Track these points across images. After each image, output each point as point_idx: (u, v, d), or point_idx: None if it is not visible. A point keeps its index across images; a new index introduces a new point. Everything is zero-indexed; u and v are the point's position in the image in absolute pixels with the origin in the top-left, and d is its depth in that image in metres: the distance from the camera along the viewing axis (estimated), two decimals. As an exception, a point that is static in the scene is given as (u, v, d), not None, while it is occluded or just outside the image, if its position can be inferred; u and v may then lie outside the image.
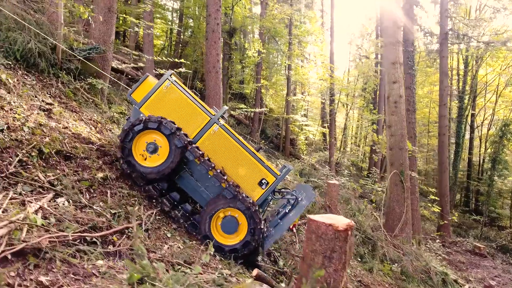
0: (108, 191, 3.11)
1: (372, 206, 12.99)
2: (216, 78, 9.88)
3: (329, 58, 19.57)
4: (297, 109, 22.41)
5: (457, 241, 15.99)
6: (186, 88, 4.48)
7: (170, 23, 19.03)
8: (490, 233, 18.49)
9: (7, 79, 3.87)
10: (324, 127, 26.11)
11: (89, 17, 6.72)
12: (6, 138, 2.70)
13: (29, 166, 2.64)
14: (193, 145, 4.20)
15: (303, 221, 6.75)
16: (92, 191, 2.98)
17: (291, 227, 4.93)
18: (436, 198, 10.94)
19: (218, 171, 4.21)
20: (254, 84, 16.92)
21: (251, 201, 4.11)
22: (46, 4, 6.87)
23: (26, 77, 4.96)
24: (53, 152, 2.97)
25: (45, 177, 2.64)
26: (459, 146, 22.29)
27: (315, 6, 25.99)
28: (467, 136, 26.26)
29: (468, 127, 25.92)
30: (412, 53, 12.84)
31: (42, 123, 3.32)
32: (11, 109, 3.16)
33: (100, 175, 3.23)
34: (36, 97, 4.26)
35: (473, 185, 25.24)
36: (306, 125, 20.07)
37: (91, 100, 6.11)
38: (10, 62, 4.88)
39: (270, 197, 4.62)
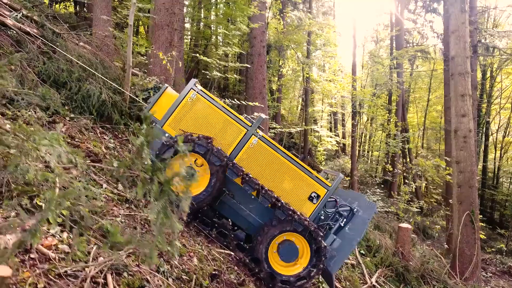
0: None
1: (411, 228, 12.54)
2: (263, 105, 9.30)
3: (351, 70, 19.04)
4: (313, 116, 21.86)
5: (486, 259, 15.63)
6: (215, 97, 3.86)
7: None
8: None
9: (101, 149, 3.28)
10: (336, 134, 25.66)
11: (149, 53, 6.12)
12: (170, 276, 2.11)
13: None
14: (233, 162, 3.62)
15: None
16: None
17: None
18: (483, 224, 10.49)
19: (266, 189, 3.63)
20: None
21: (307, 218, 3.60)
22: (99, 36, 6.24)
23: (105, 136, 4.35)
24: (211, 282, 2.41)
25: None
26: (477, 155, 21.97)
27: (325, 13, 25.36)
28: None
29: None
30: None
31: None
32: (145, 221, 2.57)
33: (251, 295, 2.68)
34: (130, 169, 3.66)
35: (487, 193, 24.97)
36: (326, 135, 19.53)
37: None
38: (88, 122, 4.27)
39: (322, 212, 4.07)
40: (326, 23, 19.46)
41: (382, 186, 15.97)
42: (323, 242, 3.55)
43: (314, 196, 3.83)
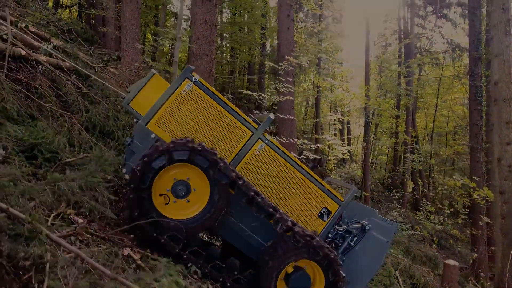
0: None
1: (433, 246, 12.25)
2: (291, 127, 8.90)
3: (364, 79, 18.66)
4: (320, 123, 21.51)
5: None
6: (214, 90, 3.14)
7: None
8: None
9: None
10: (342, 140, 25.36)
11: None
12: None
13: None
14: (243, 180, 2.94)
15: None
16: None
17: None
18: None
19: (281, 212, 3.04)
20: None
21: (327, 245, 3.05)
22: (133, 68, 5.82)
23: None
24: None
25: None
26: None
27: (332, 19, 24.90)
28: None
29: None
30: (481, 88, 12.03)
31: None
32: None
33: None
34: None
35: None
36: (337, 144, 19.19)
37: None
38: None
39: (332, 230, 3.55)
40: (339, 31, 19.13)
41: (401, 200, 15.63)
42: (342, 273, 3.04)
43: (325, 212, 3.35)
